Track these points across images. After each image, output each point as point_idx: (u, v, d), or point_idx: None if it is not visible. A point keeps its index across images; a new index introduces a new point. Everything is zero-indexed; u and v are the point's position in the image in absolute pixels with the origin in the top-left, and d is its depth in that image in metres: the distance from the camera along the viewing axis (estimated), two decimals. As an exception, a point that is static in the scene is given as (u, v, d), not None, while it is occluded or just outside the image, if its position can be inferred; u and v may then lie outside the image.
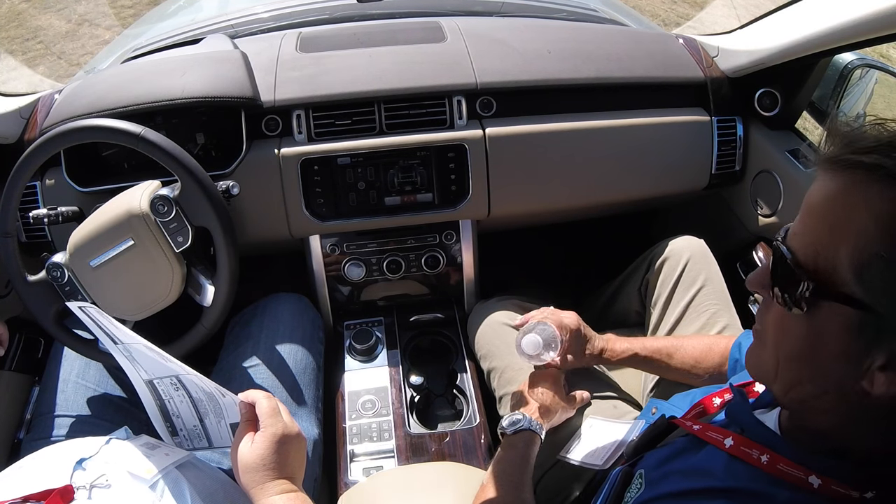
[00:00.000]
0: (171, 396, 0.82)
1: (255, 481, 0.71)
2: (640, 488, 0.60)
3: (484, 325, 1.13)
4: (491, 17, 1.52)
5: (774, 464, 0.50)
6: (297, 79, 1.17)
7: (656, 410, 0.82)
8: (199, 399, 0.81)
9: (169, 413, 0.83)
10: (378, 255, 1.25)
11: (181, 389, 0.81)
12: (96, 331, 0.80)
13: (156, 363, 0.78)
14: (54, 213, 1.02)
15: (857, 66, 1.13)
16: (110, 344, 0.80)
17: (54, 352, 1.09)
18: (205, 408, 0.81)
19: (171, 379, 0.80)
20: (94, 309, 0.77)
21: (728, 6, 3.58)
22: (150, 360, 0.78)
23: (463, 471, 0.94)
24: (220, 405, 0.80)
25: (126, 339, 0.77)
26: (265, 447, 0.72)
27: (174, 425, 0.84)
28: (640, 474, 0.62)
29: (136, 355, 0.79)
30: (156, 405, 0.83)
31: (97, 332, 0.80)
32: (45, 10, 4.29)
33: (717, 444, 0.55)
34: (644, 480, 0.61)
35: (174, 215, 0.92)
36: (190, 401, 0.81)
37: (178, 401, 0.82)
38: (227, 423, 0.81)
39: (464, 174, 1.17)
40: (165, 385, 0.81)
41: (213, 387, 0.78)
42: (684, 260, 1.11)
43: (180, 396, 0.81)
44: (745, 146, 1.28)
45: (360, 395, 1.12)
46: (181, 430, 0.84)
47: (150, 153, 0.91)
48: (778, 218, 1.21)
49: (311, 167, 1.13)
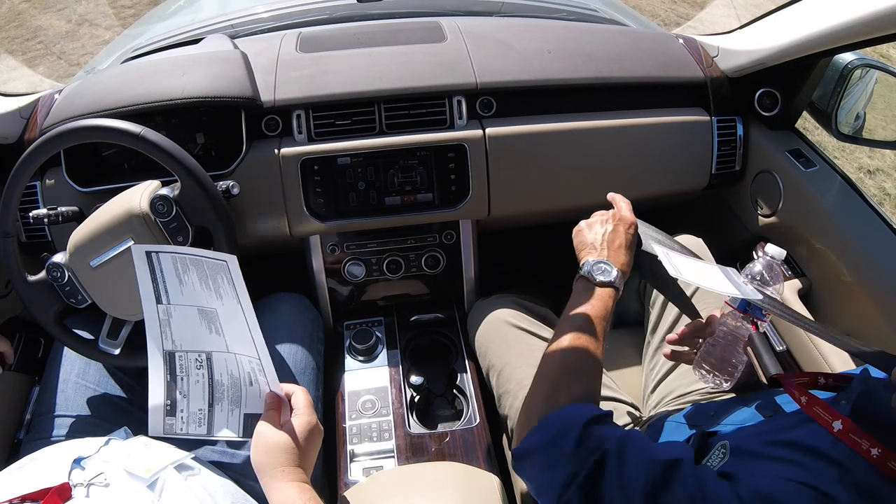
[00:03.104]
0: (187, 373, 0.79)
1: (273, 464, 0.70)
2: (724, 458, 0.57)
3: (484, 323, 1.13)
4: (491, 17, 1.52)
5: (885, 460, 0.48)
6: (297, 79, 1.17)
7: None
8: (220, 383, 0.79)
9: (175, 391, 0.80)
10: (378, 255, 1.25)
11: (203, 368, 0.79)
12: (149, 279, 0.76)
13: (197, 332, 0.76)
14: (54, 213, 1.02)
15: (857, 66, 1.13)
16: (151, 301, 0.76)
17: (54, 352, 1.09)
18: (222, 393, 0.79)
19: (199, 355, 0.78)
20: (171, 255, 0.74)
21: (728, 6, 3.58)
22: (192, 328, 0.77)
23: (463, 471, 0.94)
24: (242, 393, 0.78)
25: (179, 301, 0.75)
26: (294, 434, 0.73)
27: (175, 405, 0.80)
28: (724, 445, 0.59)
29: (176, 319, 0.77)
30: (164, 380, 0.80)
31: (146, 283, 0.76)
32: (45, 10, 4.29)
33: (824, 424, 0.51)
34: (728, 451, 0.58)
35: (174, 215, 0.91)
36: (209, 382, 0.79)
37: (194, 380, 0.79)
38: (241, 413, 0.79)
39: (464, 174, 1.17)
40: (187, 360, 0.79)
41: (247, 372, 0.77)
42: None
43: (198, 376, 0.79)
44: (745, 146, 1.28)
45: (360, 395, 1.12)
46: (181, 412, 0.80)
47: (150, 153, 0.91)
48: (778, 218, 1.21)
49: (312, 167, 1.13)
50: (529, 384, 0.99)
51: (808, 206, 1.15)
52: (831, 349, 1.04)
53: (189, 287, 0.76)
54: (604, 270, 0.79)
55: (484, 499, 0.88)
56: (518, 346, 1.07)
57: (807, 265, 1.18)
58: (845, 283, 1.06)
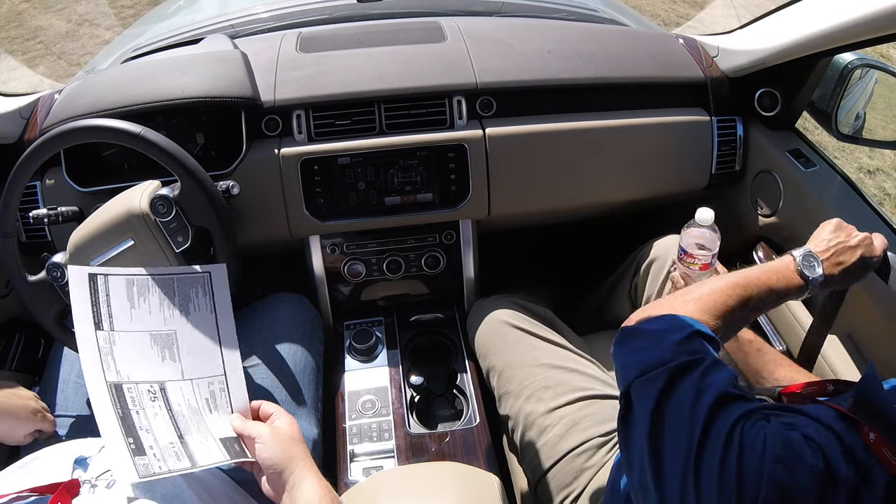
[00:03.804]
0: (141, 406, 0.69)
1: (298, 455, 0.68)
2: None
3: (483, 323, 1.13)
4: (491, 17, 1.52)
5: (880, 446, 0.51)
6: (297, 79, 1.17)
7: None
8: (181, 413, 0.71)
9: (135, 427, 0.68)
10: (378, 255, 1.25)
11: (159, 400, 0.70)
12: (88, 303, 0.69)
13: (148, 360, 0.70)
14: (54, 213, 1.02)
15: (857, 66, 1.13)
16: (88, 326, 0.69)
17: (54, 352, 1.09)
18: (186, 423, 0.71)
19: (150, 385, 0.71)
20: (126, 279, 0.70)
21: (728, 6, 3.58)
22: (141, 357, 0.70)
23: (463, 471, 0.94)
24: (206, 422, 0.72)
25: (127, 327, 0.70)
26: (297, 428, 0.72)
27: (140, 442, 0.68)
28: None
29: (121, 347, 0.70)
30: (115, 415, 0.68)
31: (83, 306, 0.69)
32: (45, 10, 4.29)
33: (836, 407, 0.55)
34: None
35: (174, 215, 0.91)
36: (168, 414, 0.70)
37: (152, 413, 0.70)
38: (214, 439, 0.72)
39: (464, 174, 1.17)
40: (138, 393, 0.70)
41: (205, 399, 0.72)
42: (671, 260, 1.11)
43: (155, 408, 0.70)
44: (745, 146, 1.28)
45: (360, 395, 1.12)
46: (151, 449, 0.68)
47: (149, 153, 0.91)
48: (778, 218, 1.21)
49: (311, 167, 1.13)
50: (530, 384, 1.00)
51: (808, 206, 1.15)
52: (831, 349, 1.04)
53: (142, 311, 0.71)
54: (810, 264, 0.78)
55: (484, 499, 0.88)
56: (518, 346, 1.07)
57: (807, 265, 1.17)
58: (845, 283, 1.06)
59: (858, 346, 1.04)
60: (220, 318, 0.72)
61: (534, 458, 0.94)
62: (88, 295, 0.71)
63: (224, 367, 0.72)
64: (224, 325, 0.72)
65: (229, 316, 0.73)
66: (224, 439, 0.72)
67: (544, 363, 1.03)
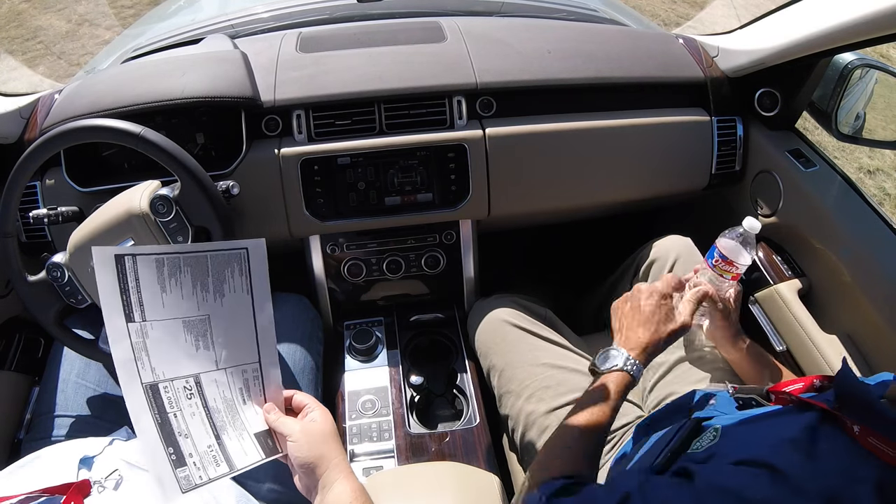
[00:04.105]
0: (179, 407, 0.64)
1: (331, 454, 0.66)
2: (714, 439, 0.61)
3: (484, 323, 1.13)
4: (491, 17, 1.52)
5: (866, 436, 0.51)
6: (297, 79, 1.17)
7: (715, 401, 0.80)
8: (216, 409, 0.66)
9: (174, 434, 0.63)
10: (378, 255, 1.25)
11: (195, 397, 0.65)
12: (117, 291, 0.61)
13: (182, 352, 0.64)
14: (54, 213, 1.02)
15: (857, 66, 1.12)
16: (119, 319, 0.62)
17: (54, 352, 1.09)
18: (222, 420, 0.66)
19: (187, 381, 0.65)
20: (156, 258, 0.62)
21: (728, 6, 3.58)
22: (175, 348, 0.64)
23: (463, 471, 0.94)
24: (241, 416, 0.68)
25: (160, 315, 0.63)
26: (332, 421, 0.70)
27: (180, 451, 0.62)
28: (717, 428, 0.62)
29: (154, 340, 0.63)
30: (154, 423, 0.62)
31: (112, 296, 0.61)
32: (45, 10, 4.29)
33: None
34: (720, 434, 0.61)
35: (174, 215, 0.91)
36: (205, 411, 0.65)
37: (189, 413, 0.64)
38: (249, 436, 0.67)
39: (464, 174, 1.17)
40: (175, 391, 0.64)
41: (239, 388, 0.67)
42: (671, 260, 1.11)
43: (192, 407, 0.65)
44: (745, 146, 1.28)
45: (360, 395, 1.12)
46: (191, 457, 0.63)
47: (149, 153, 0.91)
48: (778, 218, 1.21)
49: (311, 167, 1.13)
50: (530, 384, 1.00)
51: (808, 206, 1.15)
52: (832, 349, 1.04)
53: (174, 296, 0.64)
54: (605, 357, 0.81)
55: (484, 499, 0.88)
56: (518, 345, 1.07)
57: (807, 265, 1.18)
58: (845, 283, 1.06)
59: (858, 346, 1.04)
60: (256, 300, 0.67)
61: (534, 458, 0.94)
62: (116, 281, 0.62)
63: (259, 354, 0.68)
64: (261, 307, 0.67)
65: (267, 296, 0.68)
66: (258, 434, 0.68)
67: (545, 363, 1.03)
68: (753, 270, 1.24)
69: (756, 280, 1.23)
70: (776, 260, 1.21)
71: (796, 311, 1.12)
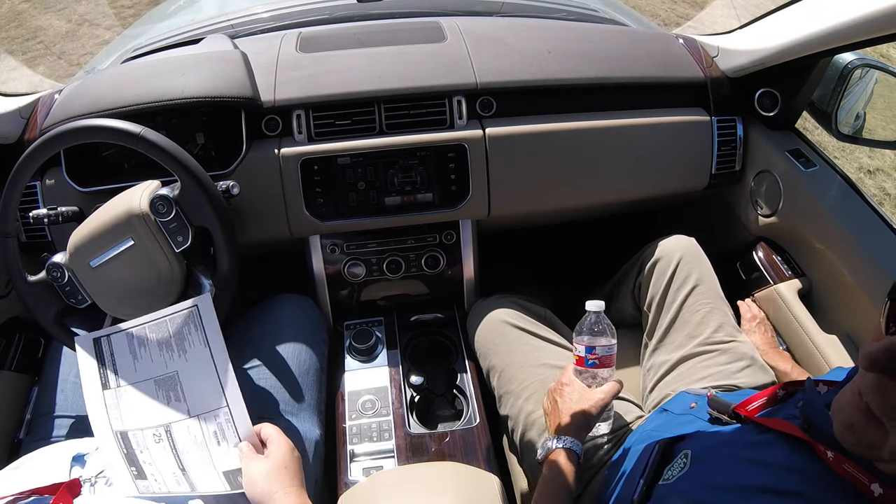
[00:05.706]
0: (145, 447, 0.74)
1: (277, 488, 0.69)
2: (685, 468, 0.60)
3: (483, 323, 1.13)
4: (491, 17, 1.52)
5: (840, 463, 0.49)
6: (297, 79, 1.16)
7: (696, 405, 0.80)
8: (185, 450, 0.74)
9: (138, 461, 0.74)
10: (378, 255, 1.25)
11: (164, 441, 0.74)
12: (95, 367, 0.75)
13: (154, 406, 0.73)
14: (54, 213, 1.02)
15: (857, 66, 1.13)
16: (96, 388, 0.75)
17: (54, 352, 1.09)
18: (189, 458, 0.75)
19: (156, 430, 0.74)
20: (125, 333, 0.74)
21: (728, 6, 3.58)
22: (146, 404, 0.74)
23: (463, 471, 0.94)
24: (211, 455, 0.74)
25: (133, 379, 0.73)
26: (286, 453, 0.73)
27: (141, 470, 0.74)
28: (686, 454, 0.62)
29: (127, 400, 0.75)
30: (121, 454, 0.74)
31: (91, 371, 0.75)
32: (45, 10, 4.29)
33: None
34: (690, 461, 0.60)
35: (174, 215, 0.91)
36: (173, 452, 0.74)
37: (157, 452, 0.74)
38: (217, 472, 0.75)
39: (464, 174, 1.17)
40: (143, 437, 0.74)
41: (213, 431, 0.74)
42: (675, 260, 1.11)
43: (160, 448, 0.74)
44: (745, 146, 1.28)
45: (360, 395, 1.12)
46: (152, 476, 0.74)
47: (149, 153, 0.91)
48: (778, 218, 1.21)
49: (311, 167, 1.13)
50: (530, 384, 1.01)
51: (808, 206, 1.15)
52: (831, 349, 1.04)
53: (144, 361, 0.74)
54: (545, 445, 0.83)
55: (484, 499, 0.88)
56: (518, 346, 1.07)
57: (807, 265, 1.18)
58: (845, 283, 1.06)
59: (858, 346, 1.04)
60: (213, 349, 0.74)
61: (534, 458, 0.94)
62: (95, 360, 0.74)
63: (226, 398, 0.74)
64: (218, 355, 0.74)
65: (221, 345, 0.74)
66: (227, 472, 0.74)
67: (545, 363, 1.03)
68: (753, 270, 1.24)
69: (756, 280, 1.23)
70: (776, 260, 1.21)
71: (796, 311, 1.12)
